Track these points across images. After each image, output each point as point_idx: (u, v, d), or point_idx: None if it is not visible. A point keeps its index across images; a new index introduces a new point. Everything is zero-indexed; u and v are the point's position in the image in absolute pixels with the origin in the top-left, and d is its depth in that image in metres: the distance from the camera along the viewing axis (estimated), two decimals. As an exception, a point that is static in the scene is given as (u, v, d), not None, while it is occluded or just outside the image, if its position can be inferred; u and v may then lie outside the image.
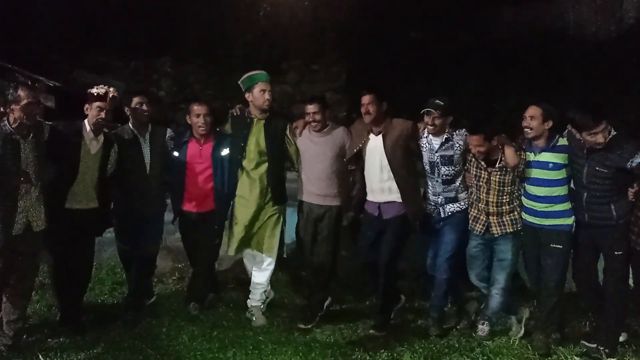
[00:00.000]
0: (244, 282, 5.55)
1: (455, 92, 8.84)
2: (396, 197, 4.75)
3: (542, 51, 9.36)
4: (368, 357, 4.43)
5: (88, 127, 4.50)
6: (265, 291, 5.21)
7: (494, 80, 9.07)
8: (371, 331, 4.87)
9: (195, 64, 9.26)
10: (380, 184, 4.78)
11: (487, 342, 4.60)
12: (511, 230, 4.60)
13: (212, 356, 4.35)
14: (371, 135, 4.81)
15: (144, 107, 4.83)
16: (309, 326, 4.97)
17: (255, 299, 5.17)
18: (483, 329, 4.76)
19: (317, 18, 9.42)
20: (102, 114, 4.46)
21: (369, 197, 4.89)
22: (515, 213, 4.60)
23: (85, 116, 4.53)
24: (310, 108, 4.93)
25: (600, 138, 4.12)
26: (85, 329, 4.67)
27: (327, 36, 9.51)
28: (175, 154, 5.03)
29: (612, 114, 4.48)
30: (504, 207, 4.59)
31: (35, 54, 7.60)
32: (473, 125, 4.59)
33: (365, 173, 4.87)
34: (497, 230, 4.61)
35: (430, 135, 4.72)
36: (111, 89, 4.53)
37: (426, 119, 4.65)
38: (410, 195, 4.74)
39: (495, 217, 4.60)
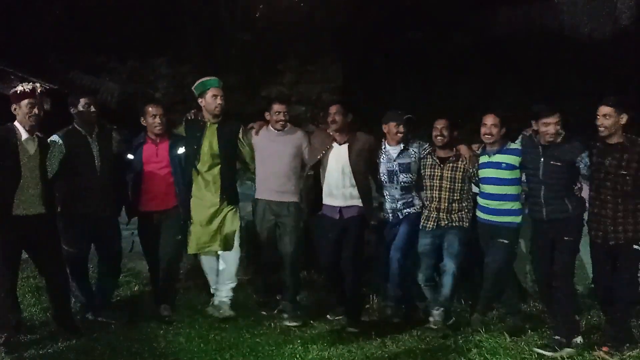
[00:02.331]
0: (240, 283, 5.55)
1: (451, 93, 8.89)
2: (357, 202, 5.07)
3: (538, 51, 9.38)
4: (365, 358, 4.44)
5: (21, 128, 4.37)
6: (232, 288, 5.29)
7: (490, 80, 9.09)
8: (348, 329, 4.98)
9: (192, 65, 9.24)
10: (343, 190, 5.06)
11: (484, 343, 4.61)
12: (457, 224, 4.99)
13: (209, 358, 4.36)
14: (335, 144, 5.09)
15: (92, 108, 4.83)
16: (300, 323, 5.06)
17: (223, 295, 5.25)
18: (438, 314, 4.91)
19: (314, 19, 9.42)
20: (35, 110, 4.36)
21: (328, 201, 5.14)
22: (463, 213, 5.00)
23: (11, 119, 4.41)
24: (280, 107, 5.18)
25: (551, 129, 4.48)
26: (80, 331, 4.66)
27: (324, 37, 9.50)
28: (130, 156, 5.07)
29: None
30: (454, 205, 4.98)
31: (31, 55, 7.59)
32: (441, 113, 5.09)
33: (326, 178, 5.12)
34: (444, 222, 4.98)
35: (387, 146, 5.08)
36: (37, 84, 4.47)
37: (395, 127, 5.00)
38: (368, 200, 5.11)
39: (445, 214, 4.99)
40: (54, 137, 4.74)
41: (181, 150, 5.12)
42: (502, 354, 4.40)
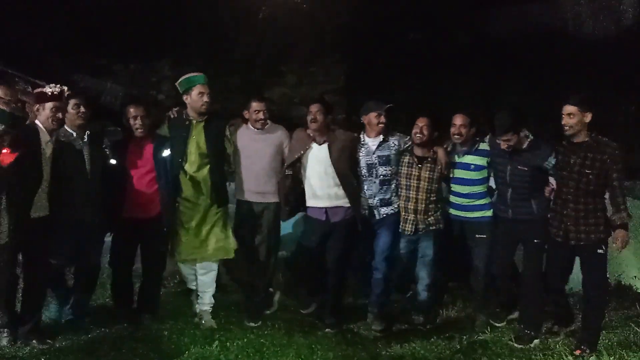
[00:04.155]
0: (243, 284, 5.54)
1: (453, 93, 8.89)
2: (343, 202, 4.98)
3: (540, 51, 9.38)
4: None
5: (42, 129, 4.28)
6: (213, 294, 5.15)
7: (492, 80, 9.09)
8: (327, 330, 4.99)
9: (195, 66, 9.25)
10: (327, 190, 4.97)
11: (490, 344, 4.61)
12: (434, 228, 4.98)
13: (214, 359, 4.34)
14: (314, 144, 4.98)
15: (81, 108, 4.56)
16: (258, 323, 5.02)
17: (205, 303, 5.09)
18: (418, 319, 5.12)
19: (316, 20, 9.44)
20: (59, 114, 4.28)
21: (313, 203, 5.05)
22: (439, 214, 5.00)
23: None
24: (259, 106, 5.02)
25: (504, 144, 4.57)
26: (87, 331, 4.66)
27: (326, 38, 9.53)
28: (113, 161, 4.82)
29: (609, 112, 4.66)
30: (430, 206, 4.96)
31: (34, 57, 7.61)
32: (423, 110, 5.05)
33: (307, 180, 5.03)
34: (422, 226, 4.96)
35: (367, 138, 5.00)
36: (65, 87, 4.36)
37: (375, 118, 4.92)
38: (356, 199, 5.00)
39: (422, 215, 4.95)
40: None
41: (166, 152, 4.84)
42: (507, 355, 4.40)
